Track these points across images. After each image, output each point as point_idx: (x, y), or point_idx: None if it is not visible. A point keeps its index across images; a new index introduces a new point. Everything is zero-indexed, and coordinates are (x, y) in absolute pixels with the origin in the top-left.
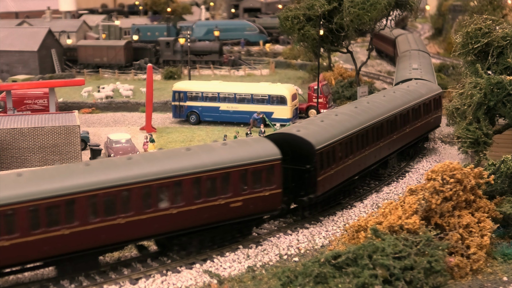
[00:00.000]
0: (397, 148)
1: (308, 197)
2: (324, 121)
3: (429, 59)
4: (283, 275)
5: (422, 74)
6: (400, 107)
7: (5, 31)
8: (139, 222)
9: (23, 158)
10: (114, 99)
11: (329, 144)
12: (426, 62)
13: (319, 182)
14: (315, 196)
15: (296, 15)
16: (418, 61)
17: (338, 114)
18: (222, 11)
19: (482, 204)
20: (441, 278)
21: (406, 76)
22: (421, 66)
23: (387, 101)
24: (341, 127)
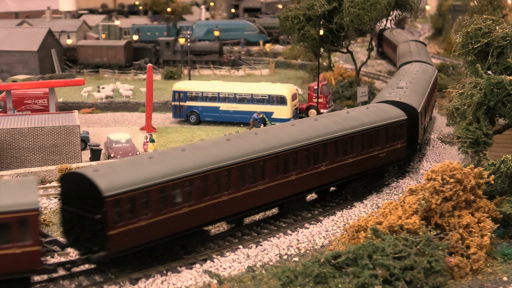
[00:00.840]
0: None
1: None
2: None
3: (429, 74)
4: (283, 275)
5: (405, 94)
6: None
7: (5, 31)
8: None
9: (23, 158)
10: (114, 99)
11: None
12: (420, 79)
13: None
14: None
15: (296, 15)
16: (412, 77)
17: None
18: (222, 11)
19: (482, 204)
20: (441, 278)
21: (385, 97)
22: (412, 84)
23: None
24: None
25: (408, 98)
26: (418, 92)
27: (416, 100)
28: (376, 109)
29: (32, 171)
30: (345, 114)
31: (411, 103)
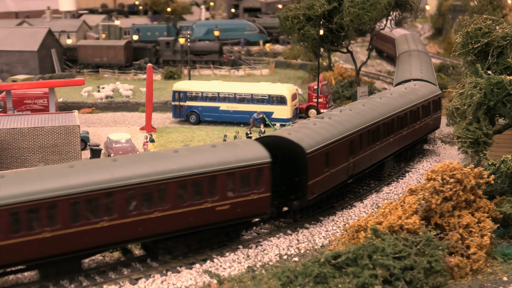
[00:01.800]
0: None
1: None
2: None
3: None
4: (283, 275)
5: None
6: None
7: (5, 31)
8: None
9: (23, 158)
10: (114, 99)
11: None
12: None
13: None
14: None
15: (296, 15)
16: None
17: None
18: (222, 11)
19: (482, 204)
20: (441, 278)
21: None
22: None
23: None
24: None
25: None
26: None
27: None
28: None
29: None
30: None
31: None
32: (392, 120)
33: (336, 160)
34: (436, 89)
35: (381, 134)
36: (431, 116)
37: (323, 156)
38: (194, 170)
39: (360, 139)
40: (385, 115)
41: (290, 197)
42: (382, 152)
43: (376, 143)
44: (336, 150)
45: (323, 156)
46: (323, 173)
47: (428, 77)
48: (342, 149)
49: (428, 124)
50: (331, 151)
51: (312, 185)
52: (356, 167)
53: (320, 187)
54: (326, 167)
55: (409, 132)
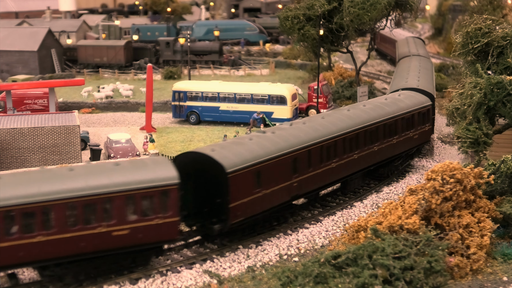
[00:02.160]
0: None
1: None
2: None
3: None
4: (283, 275)
5: None
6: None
7: (5, 31)
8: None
9: (23, 158)
10: (114, 99)
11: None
12: None
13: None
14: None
15: (296, 15)
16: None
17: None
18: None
19: (482, 204)
20: (441, 278)
21: None
22: None
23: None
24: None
25: None
26: None
27: None
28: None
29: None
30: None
31: None
32: (356, 134)
33: (272, 179)
34: (426, 100)
35: (341, 150)
36: (416, 130)
37: (253, 175)
38: (85, 191)
39: (308, 156)
40: (346, 130)
41: (212, 220)
42: (341, 170)
43: (332, 160)
44: (272, 168)
45: (253, 175)
46: (253, 194)
47: (425, 86)
48: (281, 167)
49: (412, 138)
50: (265, 169)
51: (236, 208)
52: (303, 186)
53: (248, 209)
54: (257, 187)
55: (382, 147)
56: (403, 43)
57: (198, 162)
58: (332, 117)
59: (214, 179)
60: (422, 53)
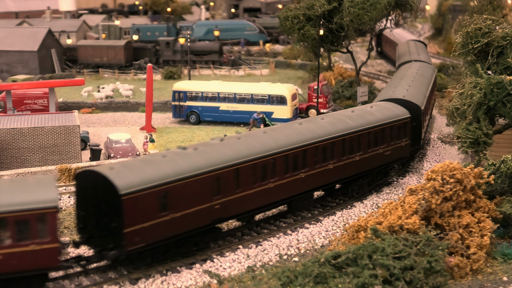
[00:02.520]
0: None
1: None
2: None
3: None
4: (283, 275)
5: None
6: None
7: (5, 31)
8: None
9: (23, 158)
10: (114, 99)
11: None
12: None
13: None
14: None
15: (296, 15)
16: None
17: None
18: (222, 11)
19: (482, 204)
20: (441, 278)
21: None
22: None
23: None
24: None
25: None
26: None
27: None
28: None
29: (32, 171)
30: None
31: None
32: (304, 152)
33: (185, 201)
34: (403, 112)
35: (282, 169)
36: (389, 145)
37: (157, 197)
38: None
39: (236, 175)
40: (290, 146)
41: (108, 246)
42: (282, 190)
43: (269, 180)
44: (185, 189)
45: (157, 197)
46: (157, 218)
47: (413, 96)
48: (197, 188)
49: (382, 154)
50: (174, 190)
51: (133, 233)
52: (229, 209)
53: (151, 235)
54: (163, 211)
55: (340, 165)
56: (403, 47)
57: (96, 182)
58: (277, 132)
59: (109, 201)
60: (424, 58)
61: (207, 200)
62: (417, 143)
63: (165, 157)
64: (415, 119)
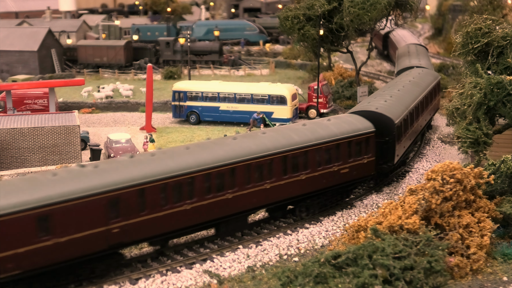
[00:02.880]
0: None
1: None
2: None
3: None
4: (283, 275)
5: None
6: None
7: (5, 31)
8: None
9: (23, 158)
10: (114, 99)
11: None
12: None
13: None
14: None
15: (296, 15)
16: None
17: None
18: (222, 11)
19: (482, 204)
20: (441, 278)
21: None
22: None
23: None
24: None
25: None
26: None
27: None
28: None
29: (32, 171)
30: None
31: None
32: (231, 170)
33: (73, 224)
34: (366, 127)
35: (203, 190)
36: (346, 163)
37: (34, 220)
38: None
39: (141, 196)
40: (215, 164)
41: None
42: (203, 212)
43: (185, 201)
44: (73, 211)
45: (34, 220)
46: (35, 243)
47: (388, 109)
48: (89, 211)
49: (338, 173)
50: (58, 212)
51: (4, 259)
52: (132, 233)
53: (28, 261)
54: (43, 235)
55: (280, 184)
56: (403, 51)
57: None
58: (203, 148)
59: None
60: (424, 64)
61: (102, 224)
62: (389, 160)
63: (55, 175)
64: (388, 134)
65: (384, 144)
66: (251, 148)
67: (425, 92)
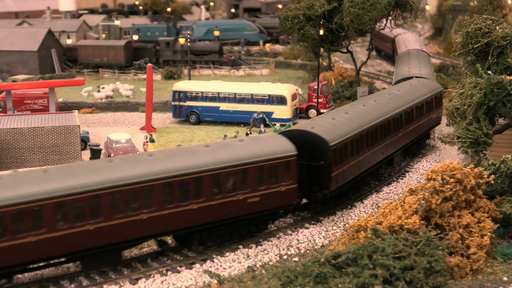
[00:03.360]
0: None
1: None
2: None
3: None
4: (283, 275)
5: None
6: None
7: (5, 31)
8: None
9: (23, 158)
10: (114, 99)
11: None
12: None
13: None
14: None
15: (296, 15)
16: None
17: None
18: (222, 11)
19: (482, 204)
20: (441, 278)
21: None
22: None
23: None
24: None
25: None
26: None
27: None
28: None
29: None
30: None
31: None
32: (95, 197)
33: None
34: (286, 149)
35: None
36: (256, 191)
37: None
38: None
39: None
40: (71, 191)
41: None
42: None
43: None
44: None
45: None
46: None
47: (327, 129)
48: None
49: (244, 202)
50: None
51: None
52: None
53: None
54: None
55: (164, 215)
56: (403, 57)
57: None
58: (60, 169)
59: None
60: (425, 74)
61: None
62: (325, 187)
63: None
64: (322, 157)
65: (318, 168)
66: (131, 172)
67: (403, 109)
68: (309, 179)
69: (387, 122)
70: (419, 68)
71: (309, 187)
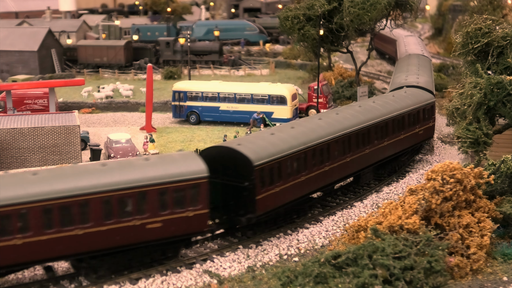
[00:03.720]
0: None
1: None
2: None
3: None
4: (283, 275)
5: None
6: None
7: (5, 31)
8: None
9: (23, 158)
10: (114, 99)
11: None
12: None
13: None
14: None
15: (296, 15)
16: None
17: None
18: (222, 11)
19: (482, 204)
20: (441, 278)
21: None
22: None
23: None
24: None
25: None
26: None
27: None
28: None
29: None
30: None
31: None
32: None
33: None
34: (196, 170)
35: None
36: (157, 215)
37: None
38: None
39: None
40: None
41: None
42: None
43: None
44: None
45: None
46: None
47: (256, 147)
48: None
49: (142, 228)
50: None
51: None
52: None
53: None
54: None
55: (42, 240)
56: (402, 63)
57: None
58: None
59: None
60: (422, 82)
61: None
62: (249, 211)
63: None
64: (246, 178)
65: (242, 190)
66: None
67: (372, 123)
68: (234, 201)
69: (346, 138)
70: (417, 76)
71: (235, 210)
